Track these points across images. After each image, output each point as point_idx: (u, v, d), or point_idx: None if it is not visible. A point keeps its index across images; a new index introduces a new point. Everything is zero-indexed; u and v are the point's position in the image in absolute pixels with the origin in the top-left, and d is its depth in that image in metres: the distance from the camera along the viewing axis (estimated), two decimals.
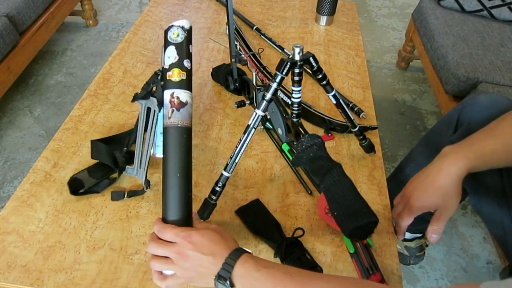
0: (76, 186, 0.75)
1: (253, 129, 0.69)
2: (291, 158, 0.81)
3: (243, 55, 0.98)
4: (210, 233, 0.53)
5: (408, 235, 1.18)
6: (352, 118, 0.78)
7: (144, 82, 0.68)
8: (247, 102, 0.90)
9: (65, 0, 1.95)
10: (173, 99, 0.58)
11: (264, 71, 1.00)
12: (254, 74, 0.84)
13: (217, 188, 0.69)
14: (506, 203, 0.79)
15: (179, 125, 0.58)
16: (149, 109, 0.70)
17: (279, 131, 0.81)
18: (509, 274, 0.91)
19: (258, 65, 1.02)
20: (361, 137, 0.82)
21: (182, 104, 0.58)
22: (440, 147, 0.70)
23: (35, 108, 1.76)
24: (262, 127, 0.90)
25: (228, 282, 0.50)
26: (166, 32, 0.60)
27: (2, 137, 1.62)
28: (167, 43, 0.60)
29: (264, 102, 0.68)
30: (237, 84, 0.94)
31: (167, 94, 0.59)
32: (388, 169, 1.48)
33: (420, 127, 1.77)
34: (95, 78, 1.02)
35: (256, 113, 0.68)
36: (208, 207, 0.70)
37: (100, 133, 0.87)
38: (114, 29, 2.30)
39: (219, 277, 0.51)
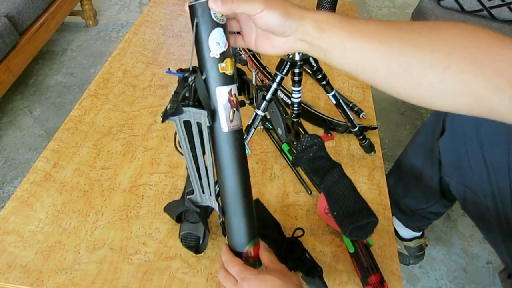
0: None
1: (253, 129, 0.69)
2: (291, 158, 0.81)
3: (243, 55, 0.98)
4: (271, 281, 0.50)
5: (407, 234, 1.18)
6: (352, 118, 0.78)
7: (172, 93, 0.50)
8: (247, 102, 0.90)
9: (65, 0, 1.95)
10: (232, 98, 0.48)
11: (264, 71, 1.00)
12: (254, 74, 0.84)
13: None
14: (495, 207, 0.79)
15: (240, 127, 0.50)
16: (186, 123, 0.52)
17: (279, 131, 0.81)
18: (508, 278, 0.91)
19: (258, 65, 1.02)
20: (361, 137, 0.82)
21: (239, 103, 0.50)
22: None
23: (35, 108, 1.76)
24: (262, 127, 0.90)
25: None
26: (195, 11, 0.44)
27: (2, 137, 1.62)
28: (211, 25, 0.44)
29: (264, 102, 0.68)
30: (237, 84, 0.94)
31: (222, 92, 0.47)
32: (388, 169, 1.48)
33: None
34: (95, 78, 1.02)
35: (256, 113, 0.68)
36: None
37: (100, 133, 0.87)
38: (114, 29, 2.30)
39: None
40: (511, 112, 0.39)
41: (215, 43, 0.45)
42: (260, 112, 0.68)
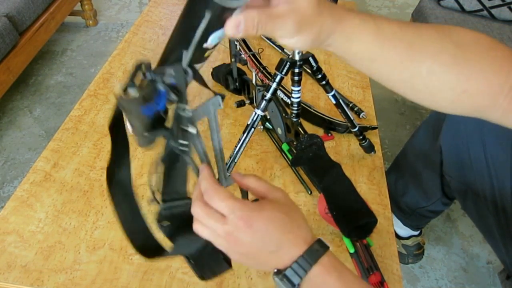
0: None
1: (253, 129, 0.69)
2: (291, 158, 0.81)
3: (243, 55, 0.98)
4: (279, 219, 0.40)
5: (404, 233, 1.18)
6: (352, 118, 0.78)
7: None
8: (247, 102, 0.90)
9: (65, 0, 1.95)
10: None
11: (264, 71, 1.00)
12: (254, 74, 0.84)
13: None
14: (495, 208, 0.79)
15: None
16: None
17: (279, 131, 0.81)
18: (507, 279, 0.91)
19: (258, 65, 1.02)
20: (361, 137, 0.82)
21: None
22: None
23: (35, 108, 1.76)
24: (262, 127, 0.90)
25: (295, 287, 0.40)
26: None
27: (2, 137, 1.62)
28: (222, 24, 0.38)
29: (264, 102, 0.68)
30: (237, 84, 0.94)
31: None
32: None
33: None
34: (95, 78, 1.02)
35: (255, 113, 0.68)
36: None
37: (100, 133, 0.87)
38: (114, 29, 2.30)
39: (284, 276, 0.40)
40: (503, 119, 0.46)
41: (217, 37, 0.39)
42: (260, 112, 0.68)
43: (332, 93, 0.73)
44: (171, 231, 0.49)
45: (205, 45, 0.39)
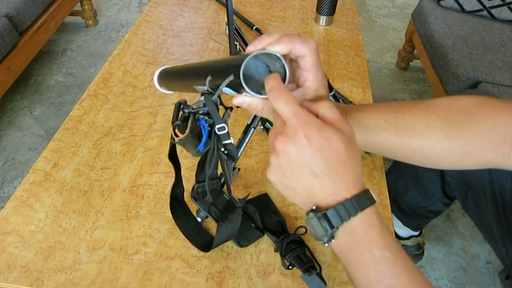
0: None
1: (253, 129, 0.69)
2: None
3: None
4: (338, 148, 0.37)
5: (404, 233, 1.18)
6: None
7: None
8: None
9: (65, 0, 1.95)
10: None
11: None
12: None
13: None
14: (495, 208, 0.79)
15: None
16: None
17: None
18: (506, 279, 0.91)
19: None
20: None
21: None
22: None
23: (35, 108, 1.76)
24: (262, 127, 0.90)
25: (332, 231, 0.37)
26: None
27: (2, 137, 1.62)
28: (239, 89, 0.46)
29: None
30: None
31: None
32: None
33: None
34: (95, 78, 1.02)
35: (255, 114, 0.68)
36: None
37: (100, 133, 0.87)
38: (114, 29, 2.30)
39: (323, 216, 0.38)
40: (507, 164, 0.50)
41: (231, 93, 0.47)
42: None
43: (332, 93, 0.73)
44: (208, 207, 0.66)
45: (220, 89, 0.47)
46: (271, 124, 0.85)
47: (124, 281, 0.63)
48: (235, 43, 0.88)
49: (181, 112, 0.50)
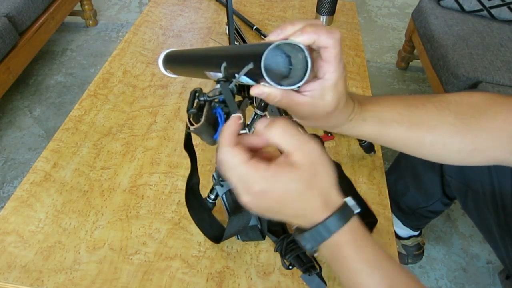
0: None
1: (253, 129, 0.69)
2: None
3: None
4: (291, 183, 0.37)
5: (404, 233, 1.18)
6: None
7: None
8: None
9: (65, 0, 1.95)
10: None
11: None
12: None
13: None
14: (495, 208, 0.79)
15: None
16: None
17: None
18: (506, 279, 0.91)
19: None
20: None
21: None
22: None
23: (35, 108, 1.76)
24: None
25: (313, 248, 0.40)
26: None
27: (2, 137, 1.62)
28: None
29: (264, 102, 0.68)
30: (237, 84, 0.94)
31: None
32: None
33: None
34: (95, 78, 1.02)
35: (255, 113, 0.68)
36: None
37: (100, 133, 0.87)
38: (114, 29, 2.30)
39: (302, 236, 0.40)
40: None
41: (248, 82, 0.44)
42: (259, 112, 0.68)
43: None
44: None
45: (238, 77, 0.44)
46: None
47: (124, 281, 0.63)
48: (235, 43, 0.88)
49: (196, 100, 0.48)
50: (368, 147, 0.84)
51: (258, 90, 0.41)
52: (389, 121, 0.50)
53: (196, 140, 0.87)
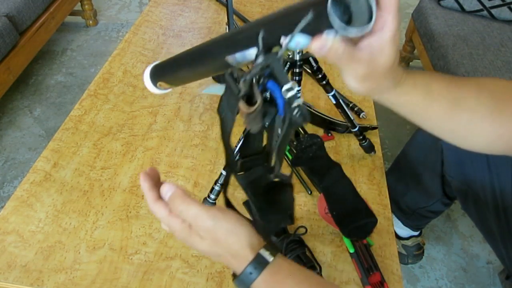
0: None
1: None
2: (291, 158, 0.81)
3: None
4: (210, 252, 0.47)
5: (404, 233, 1.18)
6: (352, 118, 0.78)
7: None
8: None
9: (65, 0, 1.95)
10: None
11: None
12: None
13: (216, 187, 0.69)
14: (495, 208, 0.79)
15: None
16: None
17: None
18: (506, 279, 0.91)
19: None
20: (361, 137, 0.82)
21: None
22: None
23: (35, 108, 1.76)
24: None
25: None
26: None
27: (2, 137, 1.62)
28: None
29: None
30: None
31: None
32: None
33: None
34: (95, 78, 1.02)
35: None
36: None
37: (100, 133, 0.87)
38: (114, 29, 2.30)
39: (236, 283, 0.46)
40: None
41: (300, 43, 0.39)
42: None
43: (332, 93, 0.73)
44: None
45: (284, 42, 0.39)
46: None
47: (124, 281, 0.63)
48: None
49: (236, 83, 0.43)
50: (368, 147, 0.84)
51: (319, 43, 0.37)
52: (436, 93, 0.49)
53: (195, 140, 0.87)
